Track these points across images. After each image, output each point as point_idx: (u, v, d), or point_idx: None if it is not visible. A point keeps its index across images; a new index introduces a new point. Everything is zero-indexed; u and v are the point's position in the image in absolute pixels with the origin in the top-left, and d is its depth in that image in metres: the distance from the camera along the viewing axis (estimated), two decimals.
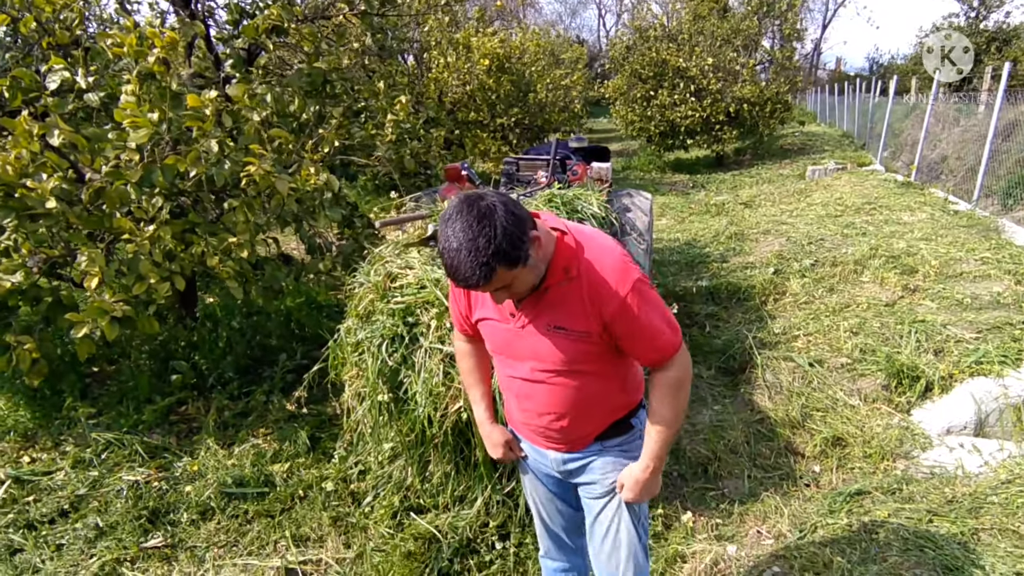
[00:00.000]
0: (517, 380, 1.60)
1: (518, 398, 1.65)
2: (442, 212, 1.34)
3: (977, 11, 21.44)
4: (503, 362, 1.63)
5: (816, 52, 36.71)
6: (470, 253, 1.24)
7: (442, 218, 1.29)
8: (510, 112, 9.67)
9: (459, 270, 1.27)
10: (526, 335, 1.52)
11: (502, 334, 1.57)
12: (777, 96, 12.79)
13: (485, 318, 1.60)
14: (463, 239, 1.24)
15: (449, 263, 1.28)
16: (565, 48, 15.78)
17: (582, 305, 1.44)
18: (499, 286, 1.34)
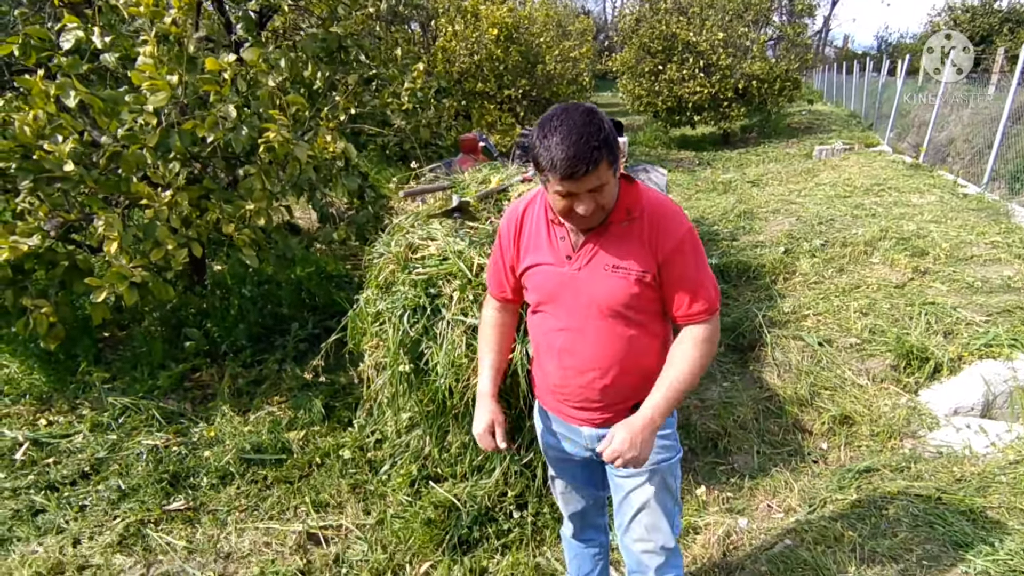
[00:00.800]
0: (563, 333, 1.56)
1: (561, 355, 1.59)
2: (540, 118, 1.37)
3: None
4: (549, 314, 1.59)
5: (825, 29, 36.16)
6: (582, 137, 1.29)
7: (542, 121, 1.34)
8: (518, 83, 9.53)
9: (573, 153, 1.29)
10: (583, 277, 1.51)
11: (555, 279, 1.54)
12: (787, 73, 12.65)
13: (537, 264, 1.57)
14: (574, 126, 1.30)
15: (561, 150, 1.29)
16: (572, 19, 15.50)
17: (642, 244, 1.48)
18: (596, 184, 1.35)
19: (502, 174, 3.01)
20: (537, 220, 1.59)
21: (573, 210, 1.39)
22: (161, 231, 2.81)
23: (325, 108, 3.60)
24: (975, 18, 19.98)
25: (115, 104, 2.89)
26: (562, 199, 1.38)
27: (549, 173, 1.33)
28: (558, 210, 1.43)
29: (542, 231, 1.57)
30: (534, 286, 1.60)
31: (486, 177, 2.94)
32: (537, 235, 1.58)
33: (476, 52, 9.06)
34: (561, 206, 1.40)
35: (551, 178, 1.34)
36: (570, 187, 1.34)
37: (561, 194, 1.37)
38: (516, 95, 9.48)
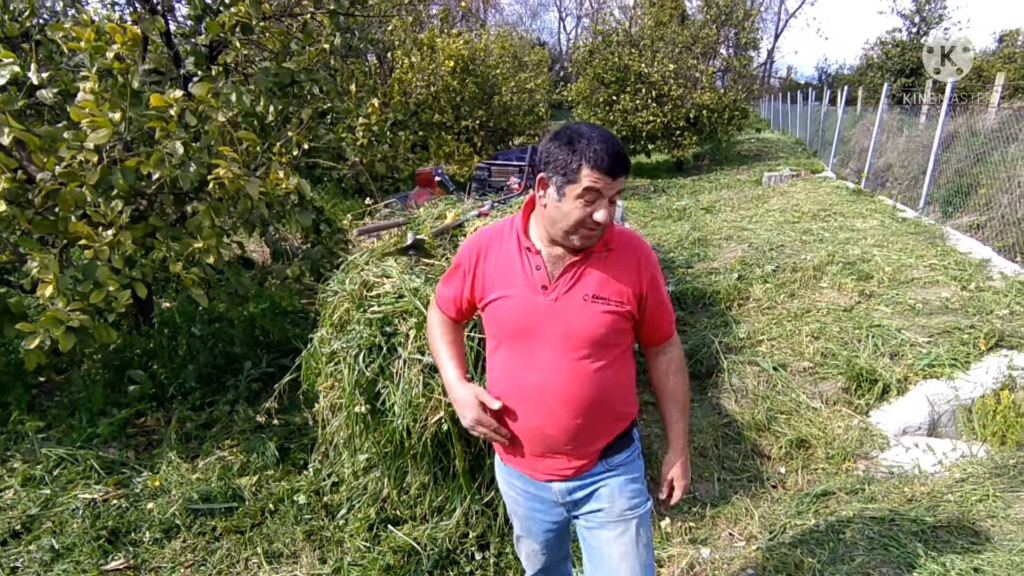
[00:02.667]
0: (535, 371, 1.48)
1: (532, 396, 1.50)
2: (558, 131, 1.41)
3: (918, 27, 22.53)
4: (517, 351, 1.51)
5: (769, 61, 37.91)
6: (617, 143, 1.38)
7: (565, 132, 1.39)
8: (475, 114, 9.64)
9: (616, 151, 1.35)
10: (559, 308, 1.46)
11: (527, 311, 1.47)
12: (735, 103, 13.16)
13: (505, 296, 1.50)
14: (607, 135, 1.38)
15: (604, 148, 1.34)
16: (528, 50, 15.85)
17: (627, 272, 1.49)
18: (619, 190, 1.40)
19: (458, 209, 3.01)
20: (507, 250, 1.53)
21: (588, 219, 1.37)
22: (102, 272, 2.69)
23: (278, 143, 3.55)
24: (904, 52, 21.20)
25: (53, 141, 2.78)
26: (584, 205, 1.36)
27: (588, 167, 1.33)
28: (572, 221, 1.38)
29: (514, 260, 1.51)
30: (500, 319, 1.52)
31: (441, 212, 2.93)
32: (507, 265, 1.51)
33: (433, 84, 9.15)
34: (578, 215, 1.37)
35: (587, 174, 1.33)
36: (604, 185, 1.34)
37: (586, 196, 1.35)
38: (473, 125, 9.59)
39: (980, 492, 2.77)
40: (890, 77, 19.77)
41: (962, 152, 7.64)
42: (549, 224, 1.44)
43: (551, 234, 1.45)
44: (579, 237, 1.41)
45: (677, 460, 1.65)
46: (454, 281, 1.64)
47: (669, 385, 1.63)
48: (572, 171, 1.35)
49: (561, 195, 1.38)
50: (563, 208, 1.38)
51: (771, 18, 37.24)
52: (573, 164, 1.34)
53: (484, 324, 1.63)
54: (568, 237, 1.42)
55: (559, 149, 1.37)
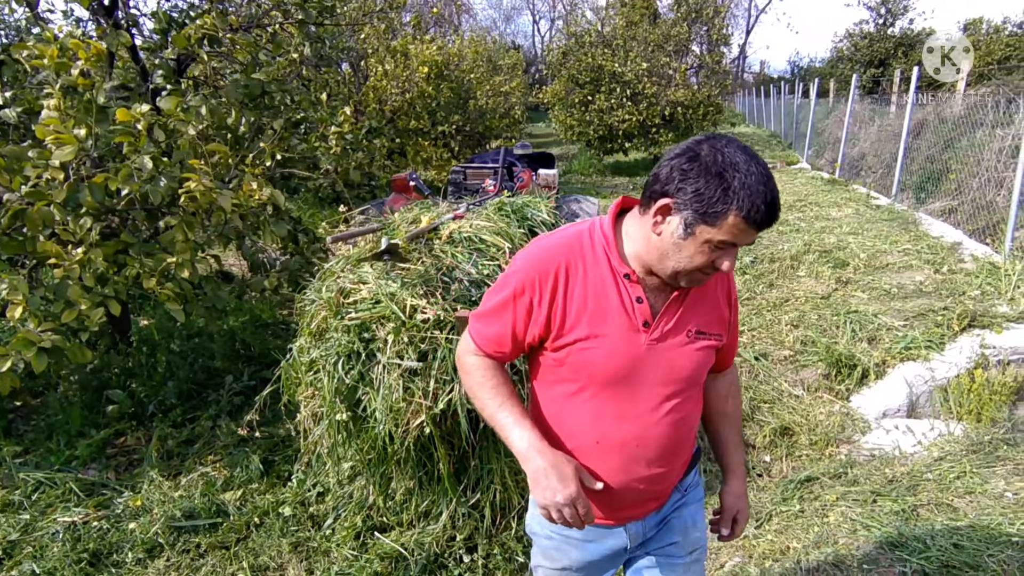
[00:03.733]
0: (634, 422, 1.25)
1: (619, 452, 1.26)
2: (711, 148, 1.09)
3: (884, 18, 22.95)
4: (611, 398, 1.24)
5: (742, 56, 38.36)
6: (775, 186, 1.10)
7: (720, 150, 1.09)
8: (451, 119, 9.65)
9: (775, 200, 1.08)
10: (662, 350, 1.23)
11: (627, 355, 1.21)
12: (709, 99, 13.28)
13: (596, 335, 1.20)
14: (766, 170, 1.09)
15: (767, 194, 1.07)
16: (502, 54, 15.90)
17: (717, 299, 1.31)
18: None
19: (432, 212, 3.01)
20: (599, 276, 1.21)
21: (710, 267, 1.14)
22: (73, 291, 2.66)
23: (250, 154, 3.52)
24: (872, 44, 21.60)
25: (18, 160, 2.74)
26: (711, 251, 1.12)
27: (739, 215, 1.06)
28: (691, 267, 1.14)
29: (609, 291, 1.21)
30: (589, 365, 1.22)
31: (416, 217, 2.93)
32: (598, 295, 1.20)
33: (408, 90, 9.15)
34: (701, 261, 1.13)
35: (733, 223, 1.07)
36: (748, 238, 1.11)
37: (721, 244, 1.11)
38: (450, 131, 9.59)
39: (958, 469, 2.82)
40: (860, 68, 20.13)
41: (932, 139, 7.79)
42: (655, 257, 1.17)
43: (650, 265, 1.19)
44: (689, 280, 1.18)
45: (742, 491, 1.47)
46: (510, 314, 1.24)
47: (729, 409, 1.47)
48: (715, 213, 1.07)
49: (688, 234, 1.11)
50: (685, 249, 1.13)
51: (742, 14, 37.74)
52: (719, 207, 1.07)
53: (551, 366, 1.28)
54: (675, 278, 1.18)
55: (703, 178, 1.08)
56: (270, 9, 4.06)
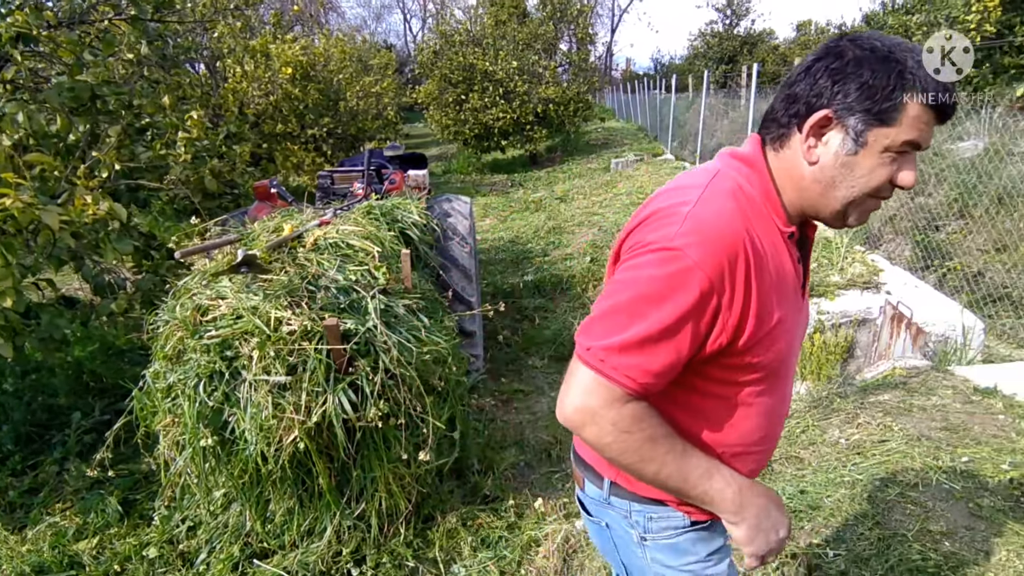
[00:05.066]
0: (784, 408, 1.11)
1: (776, 432, 1.11)
2: (856, 40, 0.89)
3: (730, 19, 25.07)
4: (780, 385, 1.05)
5: (608, 54, 40.23)
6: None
7: (878, 39, 0.89)
8: (321, 122, 9.29)
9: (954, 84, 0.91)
10: (805, 312, 1.09)
11: (796, 329, 1.03)
12: (578, 96, 13.81)
13: (783, 317, 0.96)
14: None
15: (946, 81, 0.89)
16: (373, 54, 15.54)
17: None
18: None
19: (296, 220, 2.89)
20: (772, 240, 0.96)
21: (888, 186, 0.92)
22: None
23: (83, 166, 3.18)
24: (722, 42, 23.50)
25: None
26: (891, 161, 0.89)
27: (924, 101, 0.85)
28: (870, 186, 0.91)
29: (784, 258, 0.97)
30: (781, 351, 0.99)
31: (278, 225, 2.80)
32: (778, 263, 0.96)
33: (271, 92, 8.69)
34: (883, 176, 0.90)
35: (917, 114, 0.86)
36: (930, 132, 0.89)
37: (904, 146, 0.88)
38: (321, 133, 9.24)
39: (803, 424, 3.15)
40: (712, 65, 21.83)
41: None
42: (817, 192, 0.94)
43: (810, 206, 0.97)
44: (862, 212, 0.95)
45: None
46: (692, 328, 0.90)
47: None
48: (891, 107, 0.86)
49: (860, 144, 0.89)
50: (859, 167, 0.90)
51: (606, 13, 39.55)
52: (896, 96, 0.86)
53: (729, 372, 0.99)
54: (844, 215, 0.96)
55: (868, 69, 0.87)
56: (96, 3, 3.69)
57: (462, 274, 3.56)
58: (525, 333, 4.57)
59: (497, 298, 5.14)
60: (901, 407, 3.07)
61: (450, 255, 3.55)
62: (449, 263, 3.55)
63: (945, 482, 2.44)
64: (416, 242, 3.37)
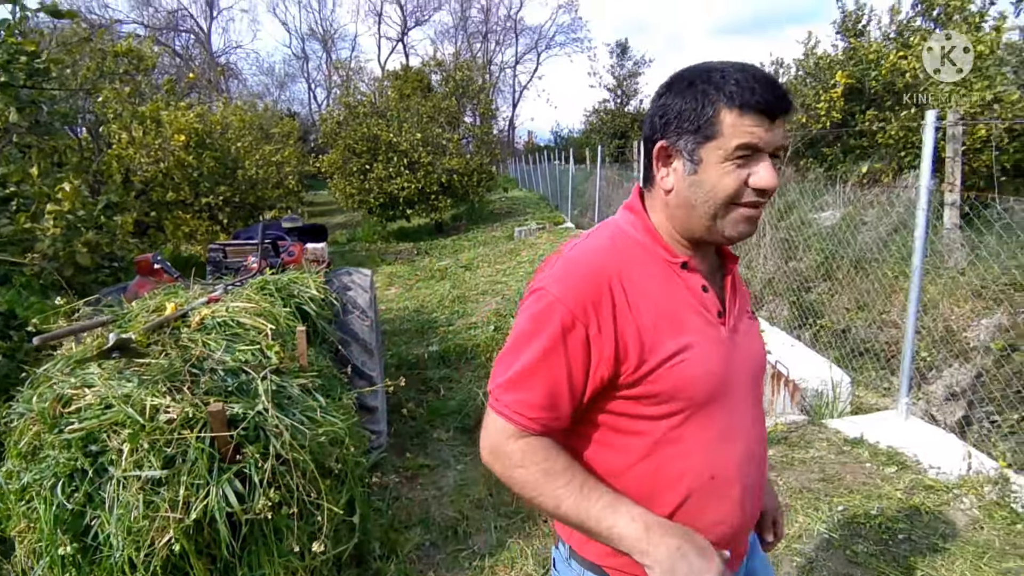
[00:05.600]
0: (735, 446, 1.03)
1: (742, 472, 1.04)
2: (679, 71, 0.97)
3: (621, 98, 27.26)
4: (716, 419, 1.01)
5: (511, 127, 42.24)
6: (766, 73, 0.95)
7: (690, 68, 0.98)
8: (217, 190, 8.98)
9: (767, 78, 0.92)
10: (739, 341, 1.05)
11: (717, 358, 1.00)
12: (482, 167, 14.30)
13: (685, 346, 0.97)
14: (747, 64, 0.96)
15: (746, 75, 0.91)
16: (275, 122, 15.40)
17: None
18: (783, 140, 0.96)
19: (181, 297, 2.74)
20: (658, 274, 1.00)
21: (746, 188, 0.94)
22: None
23: None
24: (614, 118, 25.39)
25: None
26: (736, 168, 0.93)
27: (731, 106, 0.91)
28: (723, 195, 0.94)
29: (675, 288, 1.00)
30: (690, 382, 0.97)
31: (160, 303, 2.64)
32: (667, 297, 0.99)
33: (162, 159, 8.33)
34: (731, 184, 0.93)
35: (732, 121, 0.91)
36: (762, 132, 0.91)
37: (737, 154, 0.92)
38: (217, 202, 8.91)
39: None
40: (607, 139, 23.45)
41: None
42: (684, 215, 0.99)
43: (688, 229, 1.01)
44: (733, 220, 0.97)
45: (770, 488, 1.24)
46: (561, 360, 0.95)
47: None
48: (708, 122, 0.93)
49: (696, 162, 0.95)
50: (705, 181, 0.95)
51: (508, 90, 41.76)
52: (708, 110, 0.92)
53: (631, 410, 1.00)
54: (717, 225, 0.97)
55: (680, 96, 0.95)
56: None
57: (362, 348, 3.49)
58: (430, 405, 4.49)
59: (402, 370, 5.05)
60: (784, 461, 3.27)
61: (350, 329, 3.48)
62: (349, 338, 3.47)
63: (825, 531, 2.60)
64: (314, 317, 3.28)
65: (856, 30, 8.05)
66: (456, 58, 16.01)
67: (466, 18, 39.32)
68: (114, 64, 8.85)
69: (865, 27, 8.02)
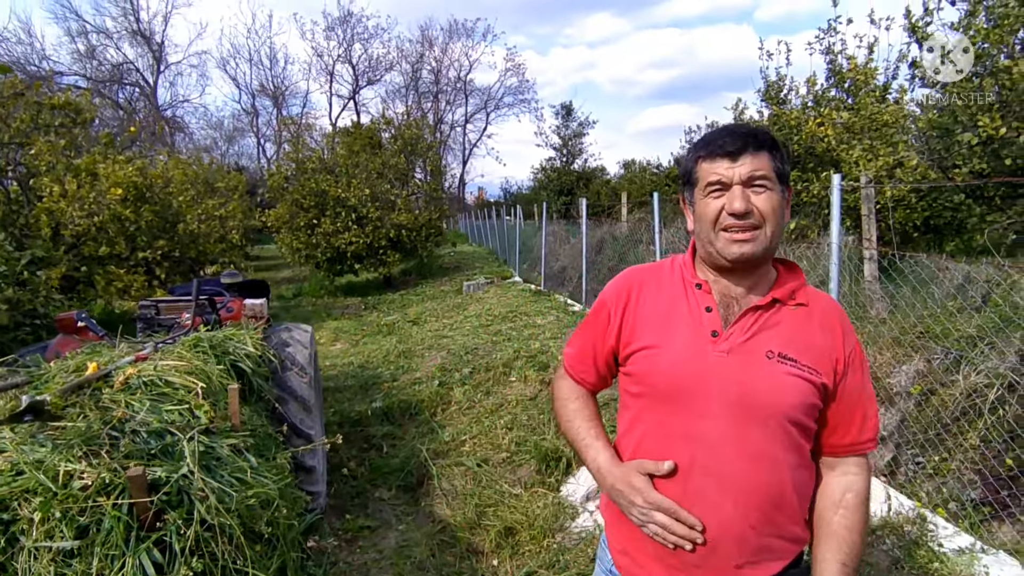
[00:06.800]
0: (693, 447, 1.15)
1: (695, 472, 1.15)
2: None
3: (567, 157, 28.25)
4: (671, 416, 1.18)
5: (461, 183, 42.94)
6: (739, 125, 1.24)
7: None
8: (156, 244, 8.73)
9: (733, 128, 1.19)
10: (734, 365, 1.15)
11: (691, 364, 1.17)
12: (430, 222, 14.42)
13: (655, 345, 1.21)
14: (729, 124, 1.28)
15: (715, 132, 1.21)
16: (221, 176, 15.21)
17: (819, 334, 1.18)
18: (755, 171, 1.15)
19: (105, 357, 2.64)
20: (670, 288, 1.28)
21: (722, 214, 1.16)
22: None
23: None
24: (561, 176, 26.23)
25: None
26: (714, 199, 1.18)
27: (700, 158, 1.21)
28: (707, 222, 1.19)
29: (678, 299, 1.25)
30: (651, 374, 1.21)
31: (80, 363, 2.54)
32: (668, 307, 1.25)
33: (96, 213, 8.08)
34: (711, 212, 1.18)
35: (703, 167, 1.20)
36: (724, 169, 1.16)
37: (710, 190, 1.18)
38: (155, 256, 8.64)
39: None
40: (554, 196, 24.13)
41: (610, 252, 9.59)
42: (700, 244, 1.25)
43: (706, 257, 1.25)
44: (723, 241, 1.17)
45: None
46: (592, 330, 1.35)
47: (836, 523, 1.18)
48: (691, 171, 1.24)
49: (692, 201, 1.25)
50: (699, 216, 1.22)
51: (458, 147, 42.67)
52: (690, 165, 1.24)
53: (622, 389, 1.32)
54: (714, 247, 1.19)
55: (683, 161, 1.29)
56: None
57: (300, 406, 3.41)
58: (372, 463, 4.38)
59: (344, 427, 4.92)
60: None
61: (288, 387, 3.40)
62: (287, 395, 3.39)
63: None
64: (249, 375, 3.20)
65: (778, 98, 8.71)
66: (406, 117, 16.34)
67: (417, 79, 40.39)
68: (50, 116, 8.67)
69: (786, 96, 8.69)
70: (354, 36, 39.01)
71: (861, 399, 1.19)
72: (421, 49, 40.32)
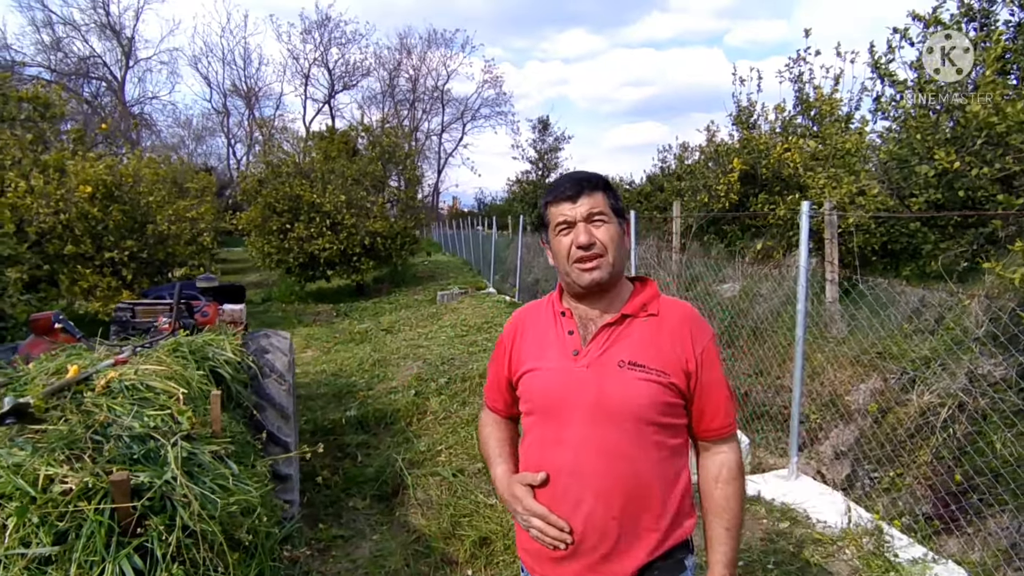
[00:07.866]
0: (562, 451, 1.34)
1: (562, 474, 1.33)
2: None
3: (542, 170, 28.52)
4: (549, 426, 1.38)
5: (435, 192, 42.89)
6: (582, 173, 1.42)
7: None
8: (123, 244, 8.54)
9: (574, 175, 1.41)
10: (591, 377, 1.34)
11: (558, 381, 1.37)
12: (405, 230, 14.41)
13: (535, 368, 1.42)
14: (575, 172, 1.45)
15: (565, 177, 1.42)
16: (190, 176, 14.93)
17: (666, 341, 1.37)
18: (593, 208, 1.36)
19: (85, 359, 2.62)
20: (545, 318, 1.50)
21: (572, 248, 1.37)
22: None
23: None
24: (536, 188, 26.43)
25: None
26: (564, 236, 1.38)
27: (549, 204, 1.41)
28: (561, 256, 1.40)
29: (549, 328, 1.46)
30: (531, 392, 1.43)
31: (61, 366, 2.51)
32: (542, 333, 1.47)
33: (63, 210, 7.88)
34: (563, 248, 1.39)
35: (551, 212, 1.40)
36: (567, 210, 1.37)
37: (558, 230, 1.39)
38: (122, 257, 8.45)
39: None
40: (528, 208, 24.31)
41: None
42: (560, 277, 1.46)
43: (567, 287, 1.47)
44: (576, 271, 1.38)
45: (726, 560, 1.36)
46: (497, 364, 1.59)
47: (717, 495, 1.37)
48: (543, 217, 1.45)
49: (547, 240, 1.46)
50: (553, 249, 1.43)
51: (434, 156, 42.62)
52: (543, 211, 1.45)
53: (520, 409, 1.52)
54: (570, 277, 1.40)
55: (542, 209, 1.47)
56: None
57: (279, 414, 3.40)
58: (346, 472, 4.37)
59: (317, 435, 4.90)
60: None
61: (266, 394, 3.40)
62: (265, 402, 3.38)
63: None
64: (228, 381, 3.19)
65: (748, 123, 9.01)
66: (383, 124, 16.33)
67: (394, 86, 40.32)
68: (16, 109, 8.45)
69: (756, 121, 9.00)
70: (331, 40, 38.80)
71: (715, 393, 1.38)
72: (399, 57, 40.34)
